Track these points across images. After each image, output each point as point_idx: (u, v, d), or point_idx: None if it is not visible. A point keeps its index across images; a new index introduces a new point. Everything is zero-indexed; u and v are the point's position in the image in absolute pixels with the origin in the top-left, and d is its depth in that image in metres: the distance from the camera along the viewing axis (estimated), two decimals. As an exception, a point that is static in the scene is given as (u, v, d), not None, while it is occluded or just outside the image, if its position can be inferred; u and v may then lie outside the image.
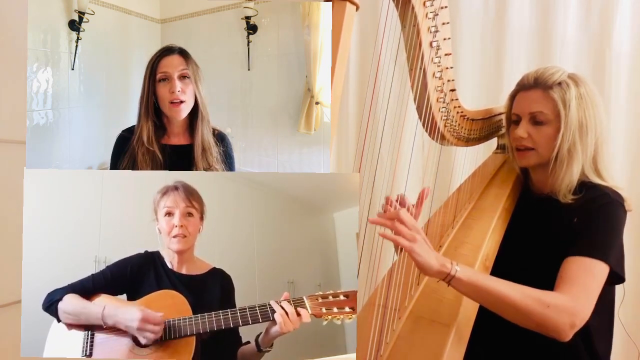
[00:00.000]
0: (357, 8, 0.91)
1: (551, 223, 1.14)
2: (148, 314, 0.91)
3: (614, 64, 1.89)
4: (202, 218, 1.05)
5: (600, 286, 1.00)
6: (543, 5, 1.92)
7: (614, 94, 1.89)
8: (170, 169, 1.06)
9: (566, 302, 0.95)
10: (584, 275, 0.99)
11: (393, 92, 1.03)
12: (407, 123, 1.63)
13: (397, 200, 1.03)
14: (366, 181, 0.97)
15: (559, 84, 1.13)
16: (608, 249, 1.03)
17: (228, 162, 1.10)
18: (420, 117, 1.13)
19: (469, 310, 1.02)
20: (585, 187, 1.11)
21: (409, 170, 1.57)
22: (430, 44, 1.06)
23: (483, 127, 1.33)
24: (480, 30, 1.94)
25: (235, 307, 0.99)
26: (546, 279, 1.00)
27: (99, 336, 0.94)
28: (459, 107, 1.20)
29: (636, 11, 1.89)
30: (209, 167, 1.06)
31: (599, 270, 1.01)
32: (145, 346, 0.92)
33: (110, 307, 0.93)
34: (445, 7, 1.06)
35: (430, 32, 1.05)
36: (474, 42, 1.93)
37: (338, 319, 0.93)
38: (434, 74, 1.09)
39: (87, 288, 0.97)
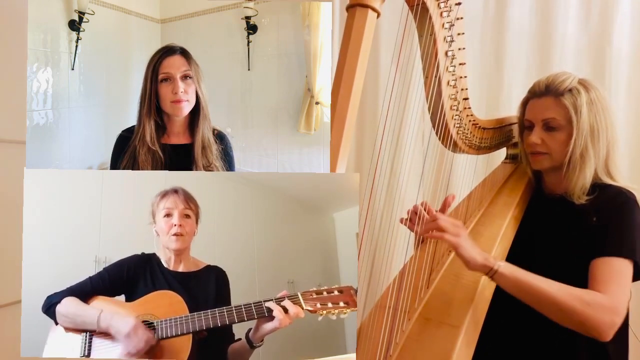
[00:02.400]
0: (379, 15, 0.91)
1: (566, 224, 1.14)
2: (140, 325, 0.92)
3: (614, 64, 1.89)
4: (197, 221, 1.07)
5: (630, 284, 1.03)
6: (543, 5, 1.92)
7: (614, 94, 1.89)
8: (170, 168, 1.06)
9: (606, 301, 0.97)
10: (617, 275, 1.01)
11: (394, 93, 1.03)
12: (409, 126, 1.63)
13: (423, 207, 1.06)
14: (366, 181, 0.97)
15: (570, 90, 1.14)
16: (633, 246, 1.04)
17: (227, 161, 1.10)
18: (433, 125, 1.15)
19: (478, 312, 1.03)
20: (598, 188, 1.13)
21: (411, 172, 1.58)
22: (446, 53, 1.08)
23: (494, 136, 1.35)
24: (480, 30, 1.94)
25: (230, 301, 1.00)
26: (563, 279, 1.01)
27: (97, 336, 0.94)
28: (471, 115, 1.22)
29: (636, 11, 1.89)
30: (208, 165, 1.06)
31: (627, 268, 1.03)
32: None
33: (106, 313, 0.94)
34: (461, 18, 1.07)
35: (446, 41, 1.07)
36: (473, 42, 1.93)
37: (333, 313, 0.94)
38: (448, 82, 1.11)
39: (86, 290, 0.98)
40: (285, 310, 0.92)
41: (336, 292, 0.96)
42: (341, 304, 0.95)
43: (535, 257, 1.16)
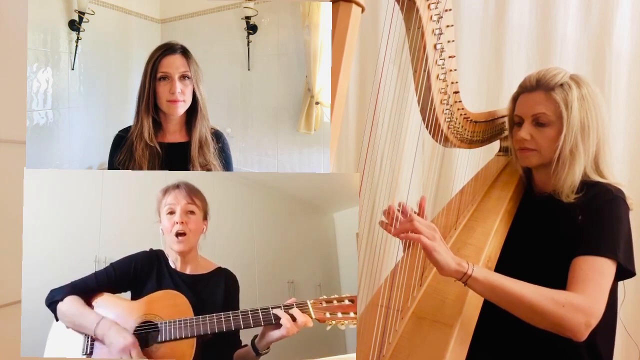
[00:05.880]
0: (363, 10, 0.91)
1: (554, 222, 1.14)
2: (135, 345, 0.89)
3: (614, 64, 1.89)
4: (205, 218, 1.04)
5: (610, 283, 1.01)
6: (543, 5, 1.92)
7: (614, 94, 1.89)
8: (167, 166, 1.05)
9: (581, 301, 0.96)
10: (595, 274, 1.00)
11: (394, 93, 1.03)
12: (407, 124, 1.63)
13: (399, 209, 1.04)
14: (366, 181, 0.97)
15: (561, 85, 1.13)
16: (616, 245, 1.03)
17: (224, 159, 1.10)
18: (423, 119, 1.14)
19: (471, 310, 1.02)
20: (586, 185, 1.12)
21: (411, 171, 1.58)
22: (435, 47, 1.07)
23: (486, 130, 1.34)
24: (480, 30, 1.94)
25: (238, 307, 0.99)
26: (551, 279, 1.00)
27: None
28: (462, 109, 1.21)
29: (636, 11, 1.89)
30: (206, 164, 1.06)
31: (608, 267, 1.01)
32: (146, 346, 0.91)
33: (105, 321, 0.92)
34: (450, 9, 1.06)
35: (435, 34, 1.06)
36: (474, 42, 1.93)
37: (342, 324, 0.92)
38: (437, 76, 1.10)
39: (90, 286, 0.97)
40: (294, 318, 0.90)
41: (347, 302, 0.93)
42: (351, 314, 0.92)
43: (524, 257, 1.16)
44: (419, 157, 1.78)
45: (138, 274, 0.99)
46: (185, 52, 1.05)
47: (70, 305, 0.94)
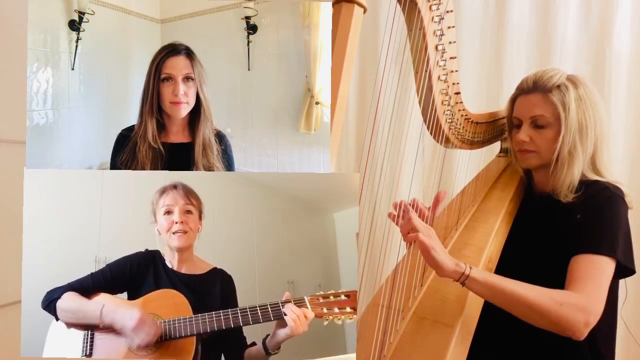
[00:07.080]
0: (365, 10, 0.91)
1: (554, 222, 1.14)
2: (146, 317, 0.91)
3: (614, 64, 1.89)
4: (200, 217, 1.05)
5: (609, 282, 1.01)
6: (543, 5, 1.92)
7: (614, 94, 1.89)
8: (169, 167, 1.06)
9: (580, 300, 0.96)
10: (594, 273, 1.00)
11: (395, 93, 1.03)
12: (408, 124, 1.63)
13: (411, 205, 1.04)
14: (366, 181, 0.97)
15: (558, 86, 1.13)
16: (614, 243, 1.03)
17: (226, 161, 1.10)
18: (425, 120, 1.14)
19: (472, 310, 1.02)
20: (584, 185, 1.12)
21: (412, 171, 1.57)
22: (436, 47, 1.07)
23: (487, 130, 1.34)
24: (480, 30, 1.94)
25: (237, 307, 0.99)
26: (551, 278, 1.00)
27: (98, 336, 0.94)
28: (463, 110, 1.21)
29: (636, 11, 1.89)
30: (209, 166, 1.06)
31: (607, 266, 1.01)
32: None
33: (109, 305, 0.93)
34: (451, 11, 1.06)
35: (436, 35, 1.06)
36: (474, 42, 1.93)
37: (339, 319, 0.93)
38: (439, 77, 1.10)
39: (87, 287, 0.97)
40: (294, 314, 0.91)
41: (343, 297, 0.95)
42: (348, 309, 0.93)
43: (524, 257, 1.16)
44: (419, 158, 1.78)
45: (134, 274, 1.00)
46: (189, 54, 1.05)
47: (70, 300, 0.94)
